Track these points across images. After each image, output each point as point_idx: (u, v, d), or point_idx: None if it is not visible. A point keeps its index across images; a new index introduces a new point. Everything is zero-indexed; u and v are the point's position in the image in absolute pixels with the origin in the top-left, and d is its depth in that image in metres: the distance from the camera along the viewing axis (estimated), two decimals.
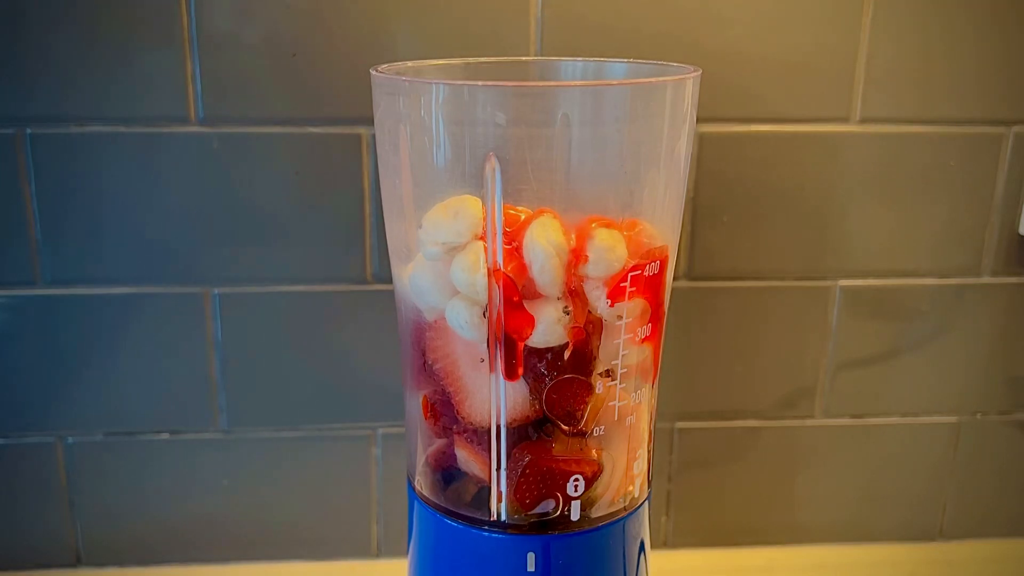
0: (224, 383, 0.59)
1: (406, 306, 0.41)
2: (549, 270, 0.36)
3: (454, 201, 0.37)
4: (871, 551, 0.66)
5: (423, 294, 0.39)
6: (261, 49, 0.53)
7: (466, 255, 0.37)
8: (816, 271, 0.60)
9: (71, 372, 0.58)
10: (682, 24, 0.54)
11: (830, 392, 0.63)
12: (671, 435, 0.63)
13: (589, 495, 0.39)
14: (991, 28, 0.56)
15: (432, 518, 0.41)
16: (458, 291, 0.37)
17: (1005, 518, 0.67)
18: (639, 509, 0.42)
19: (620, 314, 0.38)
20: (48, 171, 0.54)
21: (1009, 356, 0.63)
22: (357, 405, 0.60)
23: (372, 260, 0.57)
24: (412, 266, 0.39)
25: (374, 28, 0.53)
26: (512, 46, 0.54)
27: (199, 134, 0.54)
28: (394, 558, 0.64)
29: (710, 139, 0.57)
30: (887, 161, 0.58)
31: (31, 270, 0.56)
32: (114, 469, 0.61)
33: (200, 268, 0.57)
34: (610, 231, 0.37)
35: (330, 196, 0.56)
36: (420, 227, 0.38)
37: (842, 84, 0.56)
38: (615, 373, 0.39)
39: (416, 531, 0.43)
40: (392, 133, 0.38)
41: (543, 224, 0.36)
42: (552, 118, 0.35)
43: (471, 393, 0.39)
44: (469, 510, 0.40)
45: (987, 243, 0.60)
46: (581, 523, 0.40)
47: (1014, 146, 0.58)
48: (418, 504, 0.42)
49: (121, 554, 0.62)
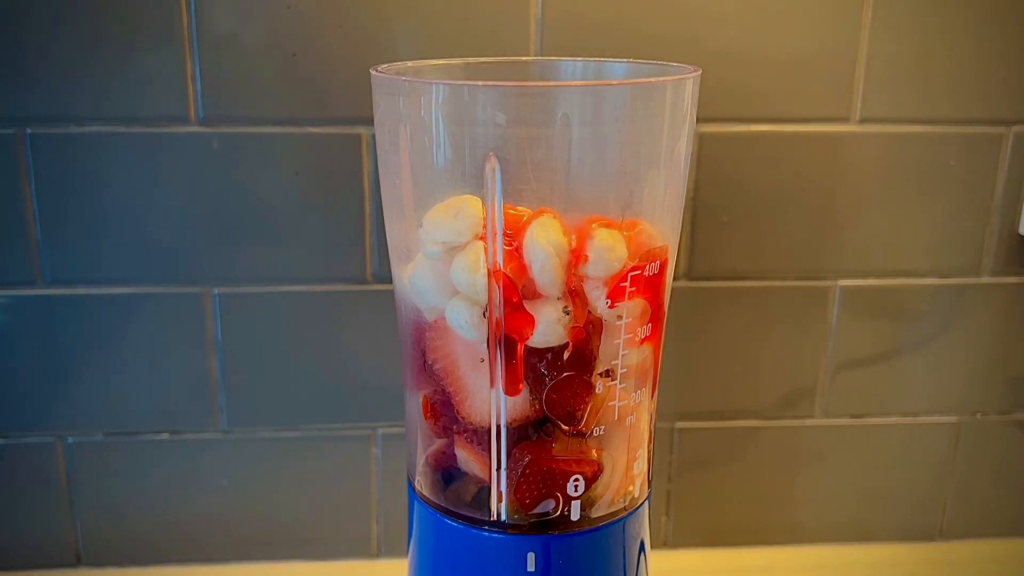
0: (224, 383, 0.59)
1: (406, 306, 0.41)
2: (549, 270, 0.36)
3: (455, 201, 0.37)
4: (871, 551, 0.66)
5: (423, 294, 0.39)
6: (261, 49, 0.53)
7: (466, 255, 0.37)
8: (816, 271, 0.60)
9: (71, 372, 0.58)
10: (682, 24, 0.54)
11: (830, 392, 0.63)
12: (671, 435, 0.63)
13: (589, 495, 0.39)
14: (991, 28, 0.56)
15: (432, 518, 0.41)
16: (458, 291, 0.37)
17: (1005, 518, 0.67)
18: (639, 509, 0.42)
19: (620, 314, 0.38)
20: (48, 171, 0.54)
21: (1009, 356, 0.63)
22: (357, 405, 0.60)
23: (372, 260, 0.57)
24: (412, 266, 0.39)
25: (374, 28, 0.53)
26: (512, 46, 0.54)
27: (199, 134, 0.54)
28: (394, 558, 0.64)
29: (710, 139, 0.57)
30: (887, 161, 0.58)
31: (31, 270, 0.56)
32: (114, 469, 0.61)
33: (200, 268, 0.57)
34: (610, 231, 0.37)
35: (330, 196, 0.56)
36: (420, 226, 0.38)
37: (842, 84, 0.56)
38: (615, 373, 0.39)
39: (416, 531, 0.43)
40: (392, 133, 0.38)
41: (543, 224, 0.36)
42: (552, 118, 0.35)
43: (471, 393, 0.39)
44: (469, 510, 0.40)
45: (987, 243, 0.60)
46: (581, 523, 0.40)
47: (1014, 146, 0.58)
48: (418, 504, 0.42)
49: (121, 554, 0.62)
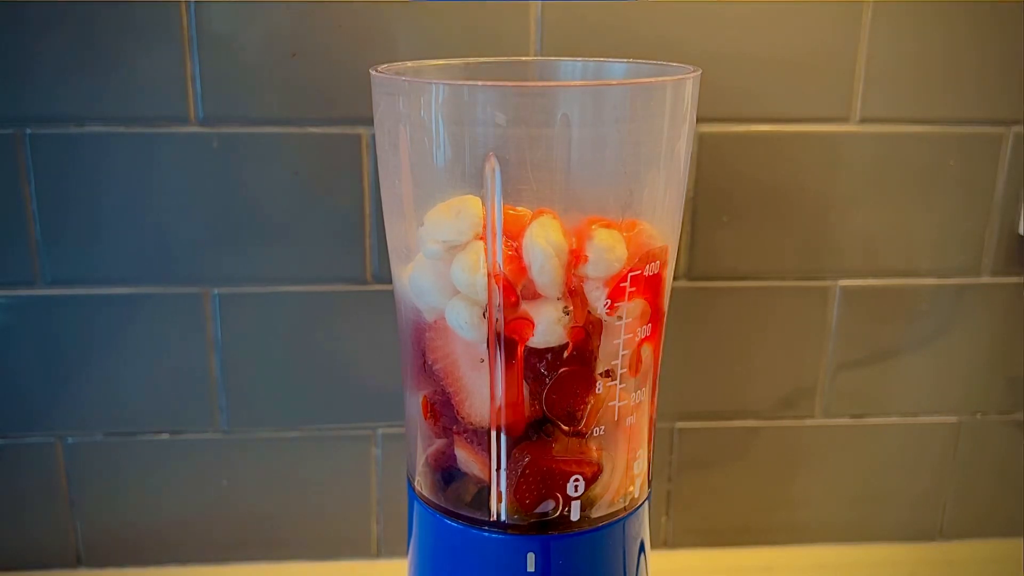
0: (224, 383, 0.59)
1: (406, 306, 0.41)
2: (549, 271, 0.36)
3: (456, 201, 0.37)
4: (871, 551, 0.66)
5: (423, 294, 0.39)
6: (261, 49, 0.53)
7: (467, 255, 0.37)
8: (816, 271, 0.60)
9: (71, 372, 0.58)
10: (682, 24, 0.54)
11: (830, 392, 0.63)
12: (671, 435, 0.63)
13: (589, 495, 0.39)
14: (991, 28, 0.56)
15: (432, 518, 0.41)
16: (458, 291, 0.37)
17: (1005, 518, 0.67)
18: (639, 509, 0.42)
19: (620, 314, 0.38)
20: (48, 171, 0.54)
21: (1009, 356, 0.63)
22: (357, 405, 0.60)
23: (372, 260, 0.57)
24: (412, 266, 0.39)
25: (374, 28, 0.53)
26: (512, 46, 0.54)
27: (199, 134, 0.54)
28: (394, 558, 0.64)
29: (710, 139, 0.57)
30: (887, 161, 0.58)
31: (31, 270, 0.56)
32: (114, 469, 0.61)
33: (200, 268, 0.57)
34: (610, 231, 0.37)
35: (330, 196, 0.56)
36: (421, 226, 0.38)
37: (842, 84, 0.56)
38: (615, 373, 0.39)
39: (416, 531, 0.43)
40: (392, 133, 0.38)
41: (543, 224, 0.36)
42: (552, 118, 0.35)
43: (471, 393, 0.39)
44: (469, 510, 0.40)
45: (987, 243, 0.60)
46: (581, 523, 0.40)
47: (1014, 146, 0.58)
48: (418, 504, 0.42)
49: (121, 554, 0.62)
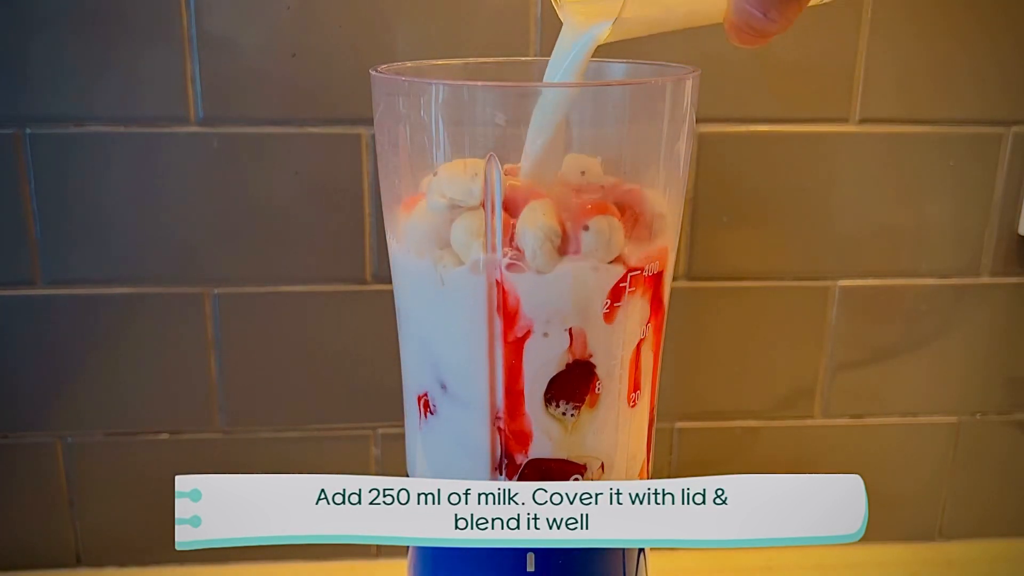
0: (224, 383, 0.59)
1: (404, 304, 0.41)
2: (541, 256, 0.36)
3: (474, 161, 0.36)
4: (871, 551, 0.66)
5: (415, 240, 0.38)
6: (261, 49, 0.53)
7: (472, 218, 0.36)
8: (816, 271, 0.60)
9: (71, 372, 0.58)
10: None
11: (829, 392, 0.63)
12: (671, 435, 0.63)
13: None
14: (990, 28, 0.56)
15: None
16: (448, 245, 0.36)
17: (1005, 518, 0.67)
18: None
19: (620, 314, 0.37)
20: (47, 171, 0.54)
21: (1009, 356, 0.63)
22: (357, 405, 0.60)
23: (372, 260, 0.57)
24: (412, 213, 0.38)
25: (374, 28, 0.53)
26: (512, 46, 0.54)
27: (199, 134, 0.54)
28: (394, 558, 0.64)
29: (710, 139, 0.57)
30: (887, 161, 0.58)
31: (31, 270, 0.56)
32: (114, 469, 0.61)
33: (200, 268, 0.57)
34: (607, 217, 0.36)
35: (330, 196, 0.56)
36: (434, 175, 0.37)
37: (841, 85, 0.56)
38: (615, 373, 0.38)
39: None
40: (392, 133, 0.38)
41: (534, 209, 0.36)
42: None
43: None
44: None
45: (987, 243, 0.60)
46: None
47: (1014, 146, 0.58)
48: None
49: (121, 554, 0.62)
